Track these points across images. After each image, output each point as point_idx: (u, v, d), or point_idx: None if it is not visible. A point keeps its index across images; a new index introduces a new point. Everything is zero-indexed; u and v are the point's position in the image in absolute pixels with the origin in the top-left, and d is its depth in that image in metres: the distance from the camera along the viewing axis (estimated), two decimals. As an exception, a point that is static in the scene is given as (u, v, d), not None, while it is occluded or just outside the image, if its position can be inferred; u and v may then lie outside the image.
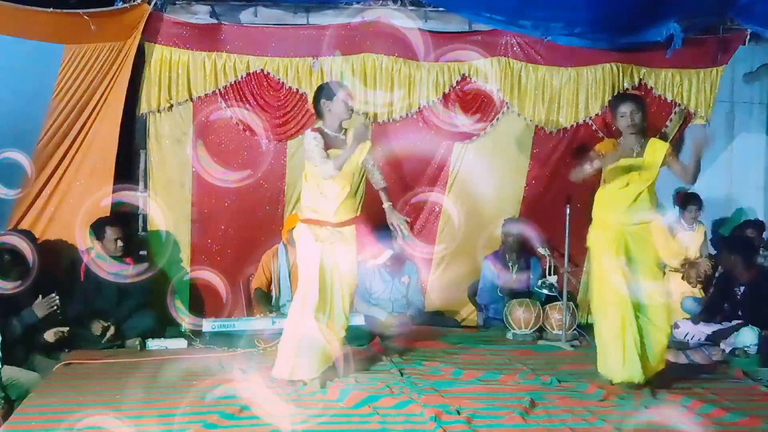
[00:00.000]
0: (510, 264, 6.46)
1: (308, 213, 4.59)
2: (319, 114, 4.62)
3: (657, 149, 4.54)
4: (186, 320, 5.44)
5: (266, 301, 6.00)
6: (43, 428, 3.73)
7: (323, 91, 4.59)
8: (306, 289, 4.52)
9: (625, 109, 4.53)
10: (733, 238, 5.66)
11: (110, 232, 5.66)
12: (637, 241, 4.53)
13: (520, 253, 6.44)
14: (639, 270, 4.49)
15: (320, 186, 4.54)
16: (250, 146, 6.30)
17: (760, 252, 6.17)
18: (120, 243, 5.66)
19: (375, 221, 6.34)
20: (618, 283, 4.43)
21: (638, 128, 4.54)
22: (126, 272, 5.56)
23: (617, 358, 4.45)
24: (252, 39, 6.23)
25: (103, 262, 5.52)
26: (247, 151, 6.31)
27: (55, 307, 5.06)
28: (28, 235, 5.56)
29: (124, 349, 5.46)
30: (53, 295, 5.07)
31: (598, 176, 4.67)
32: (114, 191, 5.91)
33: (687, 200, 6.75)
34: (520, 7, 6.02)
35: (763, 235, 6.43)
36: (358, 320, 5.59)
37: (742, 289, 5.59)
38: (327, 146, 4.50)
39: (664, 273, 6.82)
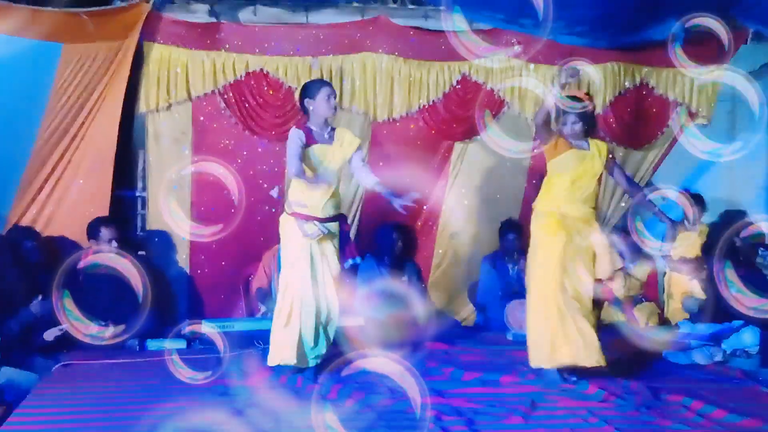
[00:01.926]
0: (509, 264, 6.44)
1: (296, 207, 4.64)
2: (304, 111, 4.73)
3: (600, 147, 4.72)
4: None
5: (268, 301, 5.98)
6: (42, 429, 3.71)
7: (306, 90, 4.71)
8: (289, 278, 4.60)
9: (566, 118, 4.64)
10: (725, 245, 5.63)
11: (105, 232, 5.63)
12: (579, 233, 4.58)
13: (518, 253, 6.42)
14: (576, 260, 4.55)
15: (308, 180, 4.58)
16: (249, 146, 6.28)
17: (759, 252, 6.13)
18: (114, 243, 5.63)
19: (376, 221, 6.37)
20: (554, 272, 4.50)
21: (576, 136, 4.67)
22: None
23: (546, 345, 4.51)
24: (251, 38, 6.20)
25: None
26: (246, 151, 6.29)
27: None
28: (31, 232, 5.57)
29: (123, 349, 5.43)
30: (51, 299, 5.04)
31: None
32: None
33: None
34: (520, 6, 5.99)
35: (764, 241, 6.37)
36: (358, 320, 5.57)
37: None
38: (313, 141, 4.60)
39: (665, 273, 6.83)
